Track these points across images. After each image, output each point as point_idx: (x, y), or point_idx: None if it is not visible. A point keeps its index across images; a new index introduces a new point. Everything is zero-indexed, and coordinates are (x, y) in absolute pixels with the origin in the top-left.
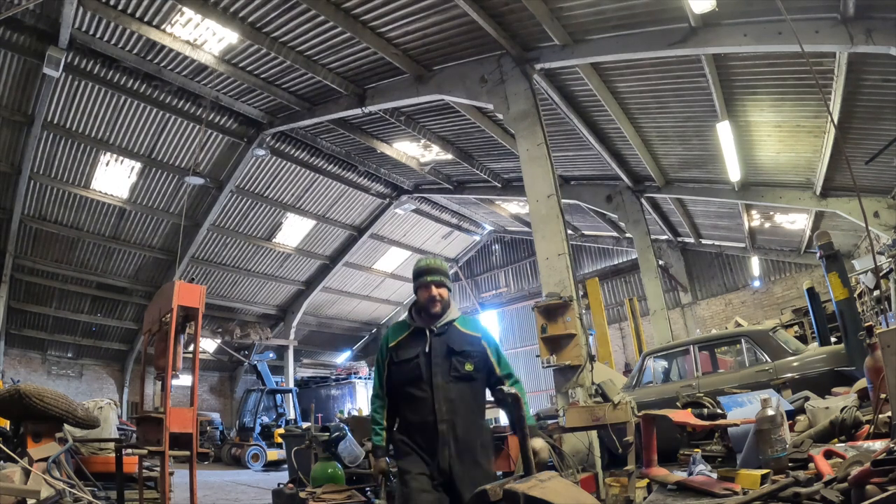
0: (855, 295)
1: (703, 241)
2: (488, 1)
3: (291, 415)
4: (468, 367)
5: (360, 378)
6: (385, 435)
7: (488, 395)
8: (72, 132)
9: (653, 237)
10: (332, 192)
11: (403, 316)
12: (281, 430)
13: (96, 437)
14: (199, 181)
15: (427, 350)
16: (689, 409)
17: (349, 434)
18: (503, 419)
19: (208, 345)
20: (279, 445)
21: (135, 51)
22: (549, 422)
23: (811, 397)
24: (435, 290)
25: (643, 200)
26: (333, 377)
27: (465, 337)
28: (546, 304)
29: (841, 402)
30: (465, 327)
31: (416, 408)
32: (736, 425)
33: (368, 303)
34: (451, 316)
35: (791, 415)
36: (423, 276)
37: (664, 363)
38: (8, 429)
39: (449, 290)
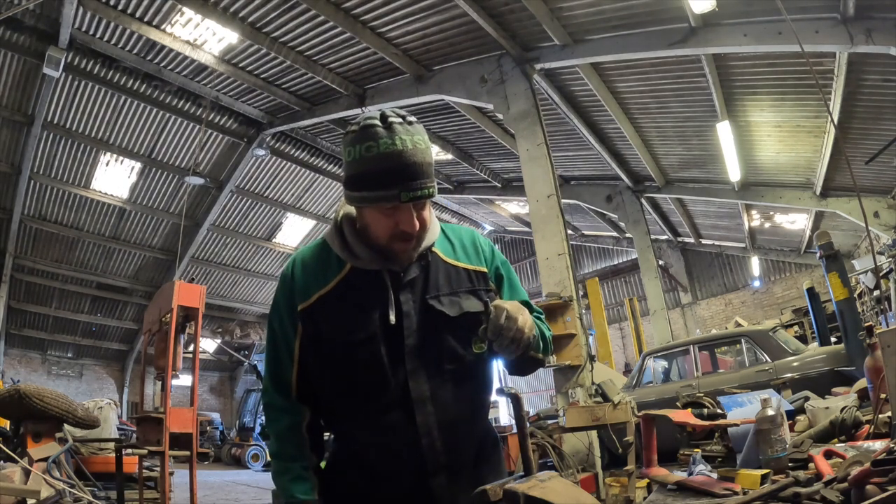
0: (855, 295)
1: (703, 241)
2: (488, 1)
3: None
4: (479, 346)
5: None
6: (315, 482)
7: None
8: (72, 132)
9: (653, 237)
10: (332, 192)
11: (322, 234)
12: None
13: (96, 437)
14: (199, 181)
15: (392, 321)
16: (689, 409)
17: None
18: (503, 418)
19: (208, 345)
20: None
21: (135, 51)
22: (549, 422)
23: (811, 397)
24: (416, 221)
25: (643, 200)
26: None
27: (460, 276)
28: (546, 304)
29: (841, 402)
30: (455, 254)
31: (373, 444)
32: (736, 425)
33: None
34: (429, 238)
35: (791, 415)
36: (392, 183)
37: (664, 363)
38: (8, 429)
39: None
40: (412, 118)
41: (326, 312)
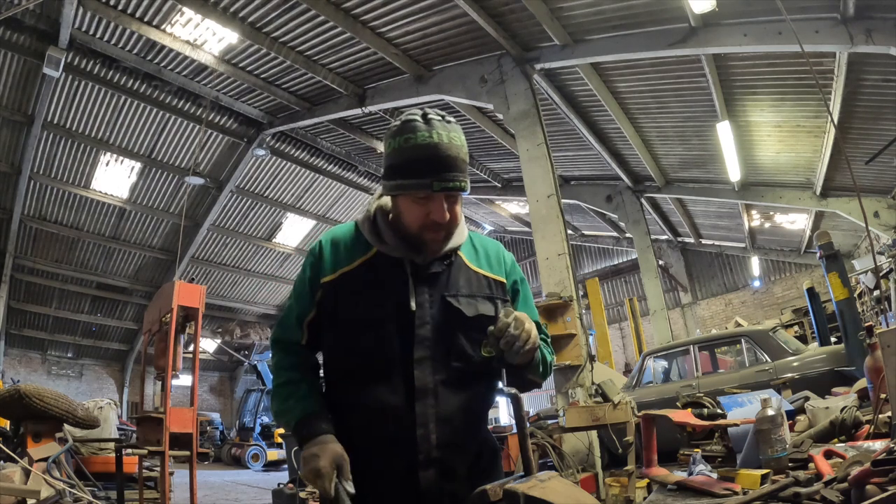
0: (855, 295)
1: (703, 241)
2: (488, 1)
3: None
4: (487, 350)
5: None
6: (317, 399)
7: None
8: (72, 132)
9: (653, 237)
10: (332, 192)
11: (356, 218)
12: (281, 430)
13: (96, 437)
14: (199, 181)
15: (406, 307)
16: (689, 409)
17: None
18: (503, 418)
19: (208, 345)
20: (279, 445)
21: (135, 51)
22: (549, 422)
23: (811, 397)
24: (447, 211)
25: (643, 200)
26: None
27: (481, 282)
28: (546, 304)
29: (841, 402)
30: (479, 261)
31: (370, 426)
32: (736, 425)
33: None
34: (456, 239)
35: (791, 415)
36: (426, 173)
37: (664, 363)
38: (8, 429)
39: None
40: (451, 118)
41: (347, 288)
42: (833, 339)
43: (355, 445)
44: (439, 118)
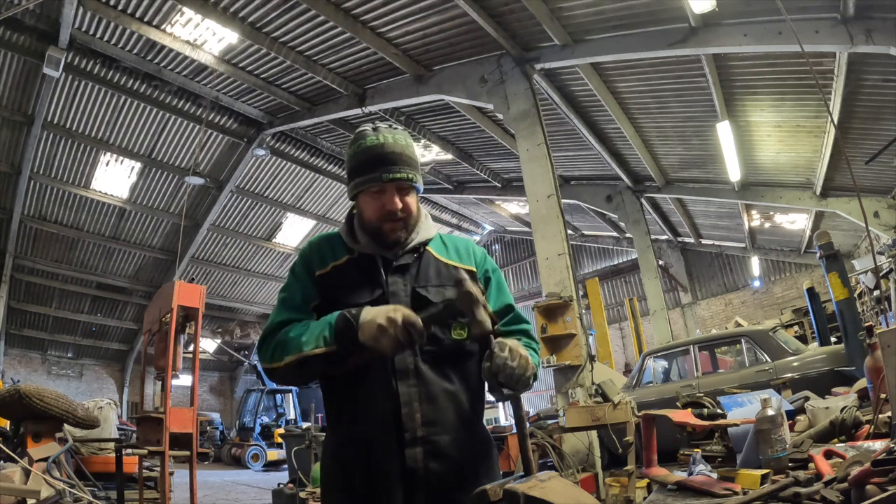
0: (855, 295)
1: (703, 241)
2: (488, 1)
3: (291, 415)
4: (458, 332)
5: None
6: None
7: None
8: (72, 132)
9: (653, 237)
10: (332, 192)
11: (337, 227)
12: (281, 430)
13: (96, 437)
14: (199, 181)
15: (383, 297)
16: (689, 409)
17: None
18: (502, 419)
19: (208, 345)
20: (279, 445)
21: (135, 51)
22: (549, 422)
23: (811, 397)
24: (398, 200)
25: (643, 200)
26: None
27: (450, 271)
28: (546, 304)
29: (841, 402)
30: (448, 254)
31: (365, 404)
32: (736, 425)
33: None
34: (423, 235)
35: (791, 415)
36: (376, 167)
37: (664, 363)
38: (8, 429)
39: (418, 191)
40: (399, 126)
41: (340, 277)
42: (833, 339)
43: (357, 421)
44: (386, 125)
